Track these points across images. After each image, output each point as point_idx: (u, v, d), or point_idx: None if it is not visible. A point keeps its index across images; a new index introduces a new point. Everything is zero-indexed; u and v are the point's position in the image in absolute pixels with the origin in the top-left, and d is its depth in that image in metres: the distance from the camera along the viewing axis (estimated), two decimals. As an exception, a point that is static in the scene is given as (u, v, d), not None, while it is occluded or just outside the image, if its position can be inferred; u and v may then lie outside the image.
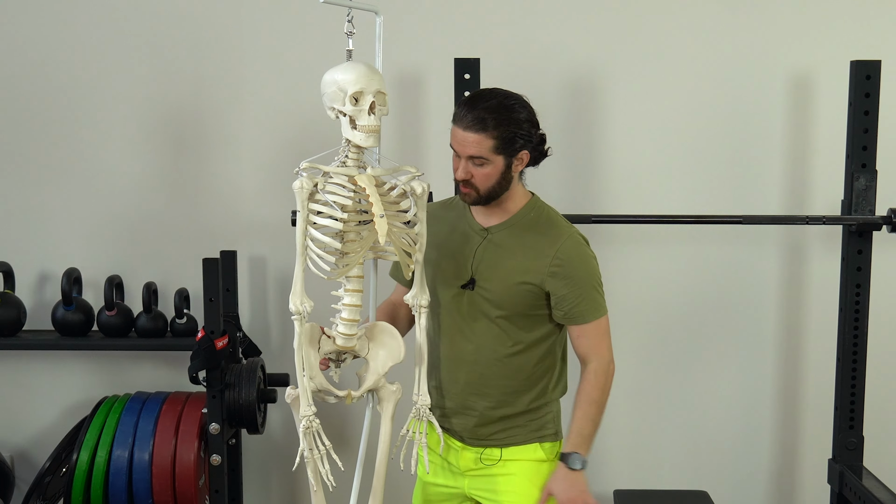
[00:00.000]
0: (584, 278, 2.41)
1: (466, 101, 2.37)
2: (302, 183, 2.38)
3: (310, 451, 2.46)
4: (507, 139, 2.32)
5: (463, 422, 2.54)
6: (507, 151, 2.34)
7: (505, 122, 2.31)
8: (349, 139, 2.41)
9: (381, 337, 2.55)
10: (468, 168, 2.36)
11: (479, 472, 2.54)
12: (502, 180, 2.38)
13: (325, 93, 2.42)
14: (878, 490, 3.14)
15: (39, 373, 3.73)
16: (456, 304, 2.49)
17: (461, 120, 2.34)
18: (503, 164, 2.35)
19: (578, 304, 2.41)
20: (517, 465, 2.51)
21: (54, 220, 3.65)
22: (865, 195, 3.23)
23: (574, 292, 2.40)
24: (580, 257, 2.42)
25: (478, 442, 2.53)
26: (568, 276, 2.39)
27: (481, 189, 2.39)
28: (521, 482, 2.50)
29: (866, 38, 3.51)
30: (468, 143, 2.33)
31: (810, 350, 3.69)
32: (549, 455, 2.52)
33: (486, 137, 2.31)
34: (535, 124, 2.38)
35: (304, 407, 2.44)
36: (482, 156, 2.33)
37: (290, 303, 2.41)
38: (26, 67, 3.59)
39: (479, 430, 2.52)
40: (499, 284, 2.43)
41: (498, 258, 2.44)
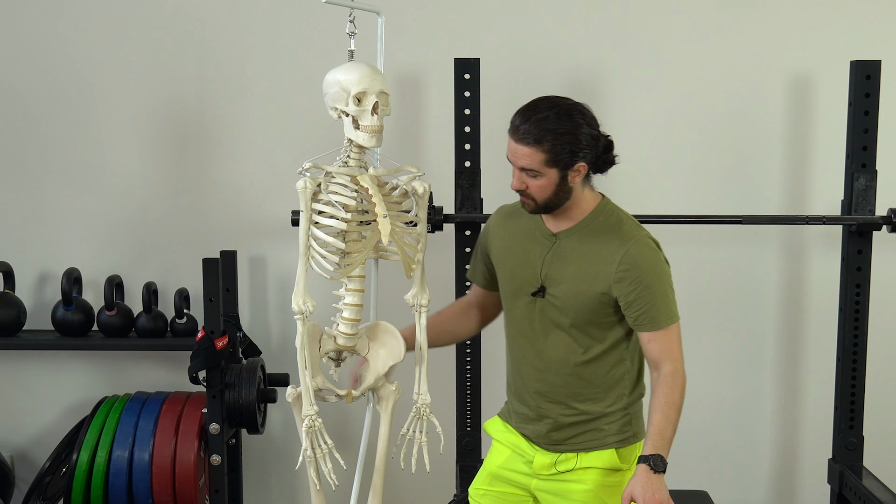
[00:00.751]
0: (652, 283, 2.31)
1: (520, 111, 2.29)
2: (305, 183, 2.38)
3: (312, 450, 2.46)
4: (559, 153, 2.24)
5: (537, 428, 2.47)
6: (561, 164, 2.26)
7: (557, 136, 2.23)
8: (352, 139, 2.41)
9: (381, 336, 2.56)
10: (523, 179, 2.30)
11: (552, 476, 2.46)
12: (559, 191, 2.30)
13: (327, 93, 2.42)
14: (878, 490, 3.14)
15: (39, 373, 3.73)
16: (528, 312, 2.43)
17: (514, 132, 2.27)
18: (557, 177, 2.27)
19: (648, 311, 2.31)
20: (591, 475, 2.42)
21: (54, 220, 3.65)
22: (865, 195, 3.23)
23: (643, 298, 2.31)
24: (648, 261, 2.32)
25: (553, 447, 2.45)
26: (635, 280, 2.30)
27: (538, 200, 2.32)
28: (594, 497, 2.42)
29: (866, 38, 3.51)
30: (520, 155, 2.27)
31: (810, 350, 3.69)
32: (625, 461, 2.43)
33: (537, 151, 2.24)
34: (594, 136, 2.29)
35: (307, 406, 2.45)
36: (534, 168, 2.26)
37: (293, 302, 2.41)
38: (27, 68, 3.59)
39: (553, 434, 2.44)
40: (566, 292, 2.36)
41: (565, 265, 2.36)
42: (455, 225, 3.26)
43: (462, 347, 3.30)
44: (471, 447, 3.36)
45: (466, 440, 3.35)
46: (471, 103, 3.20)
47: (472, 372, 3.33)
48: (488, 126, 3.28)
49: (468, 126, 3.21)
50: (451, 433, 3.37)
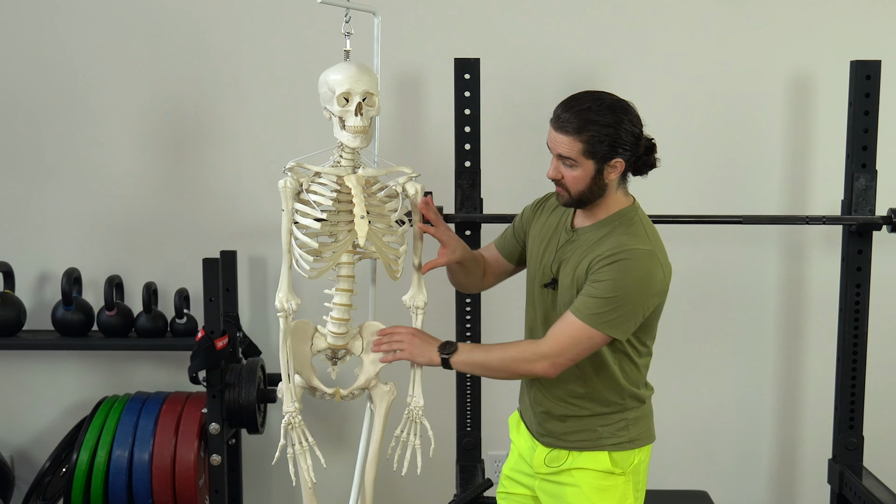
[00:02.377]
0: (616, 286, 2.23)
1: (563, 102, 2.29)
2: (286, 181, 2.40)
3: (291, 447, 2.47)
4: (596, 144, 2.23)
5: (533, 417, 2.48)
6: (598, 157, 2.25)
7: (594, 126, 2.23)
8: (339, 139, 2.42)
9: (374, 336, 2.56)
10: (559, 168, 2.29)
11: (549, 477, 2.46)
12: (593, 185, 2.28)
13: (319, 93, 2.43)
14: (878, 490, 3.14)
15: (39, 373, 3.74)
16: (543, 301, 2.43)
17: (556, 120, 2.28)
18: (593, 169, 2.26)
19: (587, 298, 2.25)
20: (584, 476, 2.40)
21: (54, 220, 3.65)
22: (865, 195, 3.23)
23: (597, 289, 2.24)
24: (633, 269, 2.25)
25: (548, 440, 2.45)
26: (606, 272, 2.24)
27: (572, 191, 2.30)
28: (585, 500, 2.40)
29: (866, 38, 3.51)
30: (558, 143, 2.27)
31: (810, 350, 3.69)
32: (618, 466, 2.40)
33: (575, 140, 2.24)
34: (635, 133, 2.28)
35: (287, 403, 2.46)
36: (571, 157, 2.26)
37: (276, 300, 2.43)
38: (26, 67, 3.59)
39: (547, 426, 2.44)
40: (568, 282, 2.35)
41: (571, 257, 2.36)
42: (455, 225, 3.26)
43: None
44: (471, 447, 3.36)
45: (466, 440, 3.35)
46: (471, 103, 3.20)
47: (471, 372, 3.33)
48: (488, 126, 3.28)
49: (468, 126, 3.21)
50: (451, 433, 3.37)
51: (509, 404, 2.70)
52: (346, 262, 2.46)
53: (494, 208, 3.29)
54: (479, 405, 3.35)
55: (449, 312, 3.31)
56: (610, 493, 2.41)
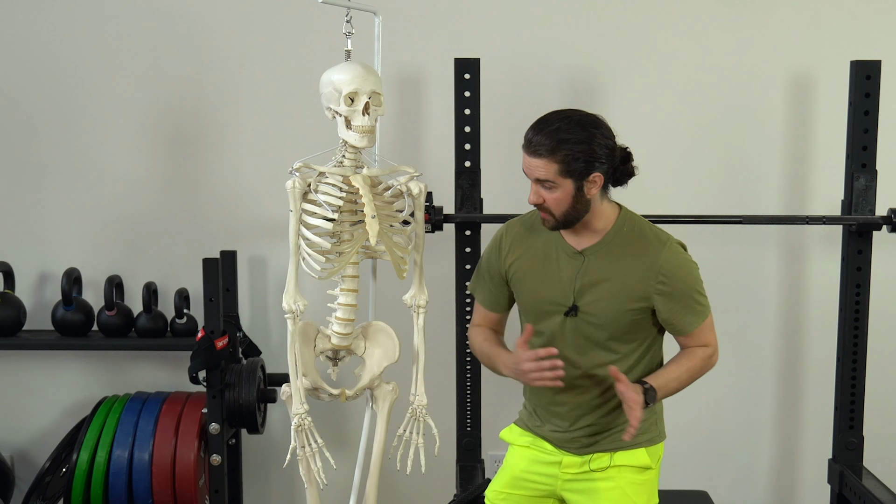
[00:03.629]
0: (689, 291, 2.37)
1: (532, 125, 2.29)
2: (294, 182, 2.40)
3: (301, 448, 2.47)
4: (572, 163, 2.24)
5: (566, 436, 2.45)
6: (576, 175, 2.26)
7: (570, 146, 2.23)
8: (344, 139, 2.42)
9: (377, 336, 2.56)
10: (539, 192, 2.29)
11: (580, 476, 2.45)
12: (576, 203, 2.29)
13: (322, 93, 2.44)
14: (878, 490, 3.14)
15: (39, 373, 3.73)
16: (560, 331, 2.40)
17: (527, 145, 2.28)
18: (573, 188, 2.27)
19: (685, 316, 2.37)
20: (623, 473, 2.43)
21: (54, 220, 3.65)
22: (865, 195, 3.23)
23: (680, 304, 2.36)
24: (682, 268, 2.38)
25: (585, 450, 2.45)
26: (673, 290, 2.35)
27: (556, 213, 2.31)
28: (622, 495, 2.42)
29: (866, 38, 3.51)
30: (534, 167, 2.27)
31: (810, 350, 3.69)
32: (653, 460, 2.47)
33: (550, 162, 2.24)
34: (608, 146, 2.29)
35: (297, 405, 2.46)
36: (549, 179, 2.26)
37: (284, 301, 2.42)
38: (26, 68, 3.59)
39: (584, 440, 2.44)
40: (603, 309, 2.35)
41: (599, 282, 2.35)
42: (455, 225, 3.26)
43: (462, 348, 3.30)
44: (471, 447, 3.36)
45: (466, 440, 3.35)
46: (471, 103, 3.20)
47: (472, 372, 3.33)
48: (488, 126, 3.28)
49: (468, 126, 3.21)
50: (452, 433, 3.37)
51: (509, 404, 2.69)
52: (351, 262, 2.46)
53: (494, 208, 3.29)
54: (479, 405, 3.35)
55: (449, 312, 3.31)
56: (644, 487, 2.45)
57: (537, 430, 2.51)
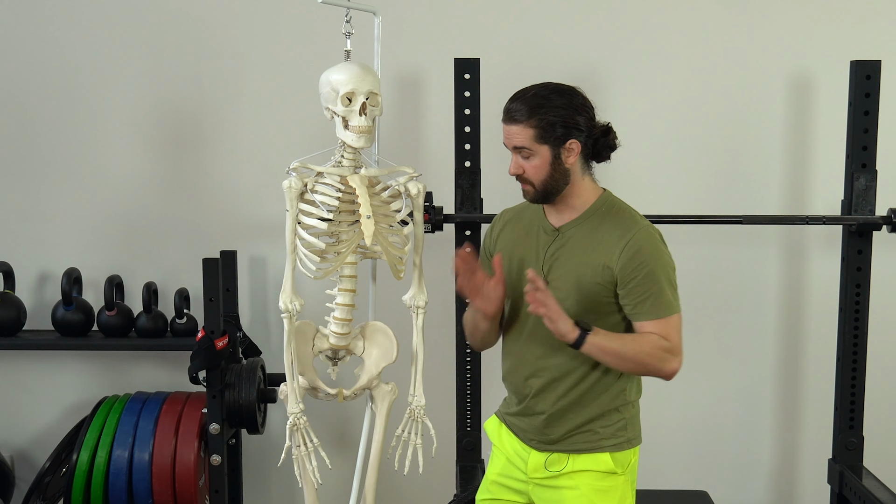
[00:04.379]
0: (655, 271, 2.30)
1: (511, 96, 2.33)
2: (290, 182, 2.40)
3: (296, 448, 2.47)
4: (548, 128, 2.26)
5: (531, 423, 2.44)
6: (551, 141, 2.27)
7: (541, 110, 2.26)
8: (342, 139, 2.42)
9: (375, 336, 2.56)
10: (518, 162, 2.31)
11: (545, 481, 2.44)
12: (554, 172, 2.30)
13: (321, 93, 2.44)
14: (878, 490, 3.14)
15: (39, 373, 3.74)
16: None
17: (505, 114, 2.31)
18: (550, 155, 2.29)
19: (648, 299, 2.30)
20: (584, 478, 2.39)
21: (54, 220, 3.65)
22: (865, 195, 3.23)
23: (643, 285, 2.29)
24: (652, 249, 2.32)
25: (546, 447, 2.43)
26: (638, 267, 2.29)
27: (535, 182, 2.32)
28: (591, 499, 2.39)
29: (866, 38, 3.51)
30: (511, 134, 2.30)
31: (810, 350, 3.69)
32: (619, 465, 2.40)
33: (524, 127, 2.27)
34: (584, 113, 2.30)
35: (292, 404, 2.46)
36: (525, 146, 2.28)
37: (280, 301, 2.42)
38: (26, 68, 3.59)
39: (547, 431, 2.41)
40: (568, 281, 2.34)
41: (568, 255, 2.36)
42: (455, 225, 3.26)
43: (462, 348, 3.30)
44: (471, 447, 3.36)
45: (466, 440, 3.35)
46: (471, 103, 3.20)
47: (471, 372, 3.33)
48: (488, 126, 3.28)
49: (468, 126, 3.21)
50: (452, 433, 3.37)
51: (509, 404, 2.69)
52: (349, 262, 2.46)
53: (494, 208, 3.28)
54: (479, 405, 3.35)
55: (448, 313, 3.31)
56: (611, 493, 2.40)
57: (507, 419, 2.52)
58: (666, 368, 2.32)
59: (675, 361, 2.32)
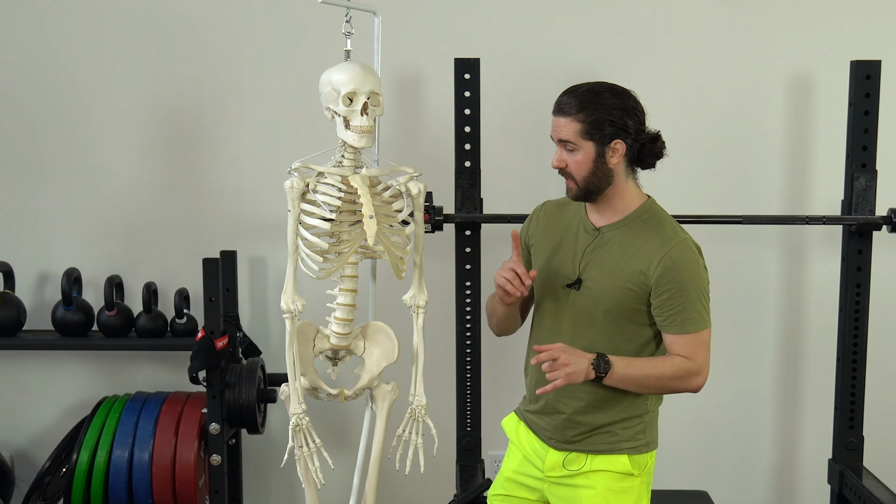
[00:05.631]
0: (687, 286, 2.30)
1: (564, 91, 2.34)
2: (292, 182, 2.40)
3: (299, 448, 2.47)
4: (594, 123, 2.26)
5: (552, 422, 2.45)
6: (597, 137, 2.28)
7: (591, 106, 2.26)
8: (343, 139, 2.42)
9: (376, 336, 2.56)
10: (561, 155, 2.32)
11: (562, 480, 2.44)
12: (597, 170, 2.30)
13: (321, 93, 2.44)
14: (878, 490, 3.14)
15: (39, 373, 3.73)
16: (560, 304, 2.41)
17: (555, 107, 2.32)
18: (594, 152, 2.29)
19: (679, 313, 2.31)
20: (601, 478, 2.40)
21: (54, 220, 3.65)
22: (865, 195, 3.23)
23: (676, 299, 2.30)
24: (687, 264, 2.32)
25: (564, 445, 2.43)
26: (672, 281, 2.29)
27: (577, 178, 2.32)
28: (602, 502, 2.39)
29: (866, 38, 3.51)
30: (558, 126, 2.31)
31: (810, 350, 3.69)
32: (636, 467, 2.42)
33: (572, 121, 2.28)
34: (634, 116, 2.31)
35: (294, 405, 2.46)
36: (570, 139, 2.29)
37: (282, 301, 2.42)
38: (26, 68, 3.59)
39: (567, 431, 2.42)
40: (603, 283, 2.35)
41: (606, 257, 2.36)
42: (455, 225, 3.26)
43: (462, 348, 3.30)
44: (471, 447, 3.36)
45: (466, 440, 3.35)
46: (471, 103, 3.20)
47: (472, 372, 3.33)
48: (488, 126, 3.28)
49: (468, 126, 3.21)
50: (452, 433, 3.37)
51: (509, 404, 2.69)
52: (350, 262, 2.46)
53: (494, 208, 3.29)
54: (479, 405, 3.35)
55: (449, 312, 3.31)
56: (627, 494, 2.41)
57: (527, 417, 2.52)
58: (691, 386, 2.36)
59: (699, 378, 2.35)
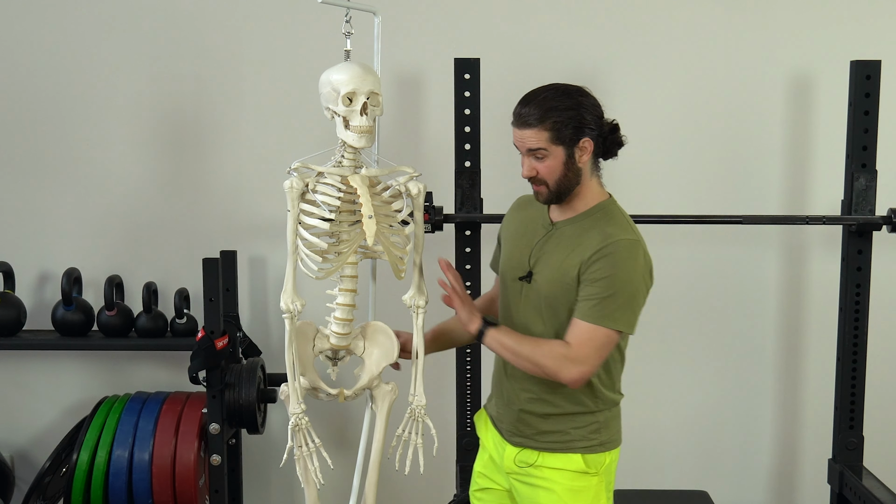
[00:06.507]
0: (615, 281, 2.27)
1: (521, 100, 2.34)
2: (292, 182, 2.40)
3: (298, 448, 2.47)
4: (561, 128, 2.28)
5: (508, 415, 2.48)
6: (566, 141, 2.29)
7: (556, 112, 2.28)
8: (343, 139, 2.42)
9: (375, 336, 2.56)
10: (532, 164, 2.33)
11: (521, 478, 2.46)
12: (568, 172, 2.32)
13: (321, 93, 2.44)
14: (878, 490, 3.14)
15: (39, 373, 3.74)
16: (515, 296, 2.45)
17: (517, 118, 2.33)
18: (564, 155, 2.30)
19: (590, 300, 2.27)
20: (558, 477, 2.40)
21: (54, 220, 3.65)
22: (865, 195, 3.23)
23: (595, 287, 2.27)
24: (624, 261, 2.29)
25: (519, 440, 2.45)
26: (601, 270, 2.27)
27: (550, 183, 2.33)
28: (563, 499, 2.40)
29: (866, 38, 3.51)
30: (525, 138, 2.31)
31: (810, 350, 3.69)
32: (591, 466, 2.40)
33: (541, 130, 2.29)
34: (596, 112, 2.33)
35: (294, 405, 2.45)
36: (541, 147, 2.30)
37: (281, 301, 2.42)
38: (26, 68, 3.59)
39: (520, 425, 2.44)
40: (546, 276, 2.37)
41: (553, 251, 2.38)
42: (455, 225, 3.26)
43: (462, 347, 3.30)
44: (471, 447, 3.35)
45: (466, 440, 3.35)
46: (471, 103, 3.20)
47: (471, 372, 3.33)
48: (488, 126, 3.28)
49: (468, 126, 3.21)
50: (451, 433, 3.37)
51: (509, 404, 2.69)
52: (350, 262, 2.46)
53: (494, 208, 3.29)
54: (479, 405, 3.35)
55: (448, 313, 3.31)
56: (583, 493, 2.41)
57: (490, 411, 2.58)
58: (563, 375, 2.30)
59: (573, 369, 2.29)
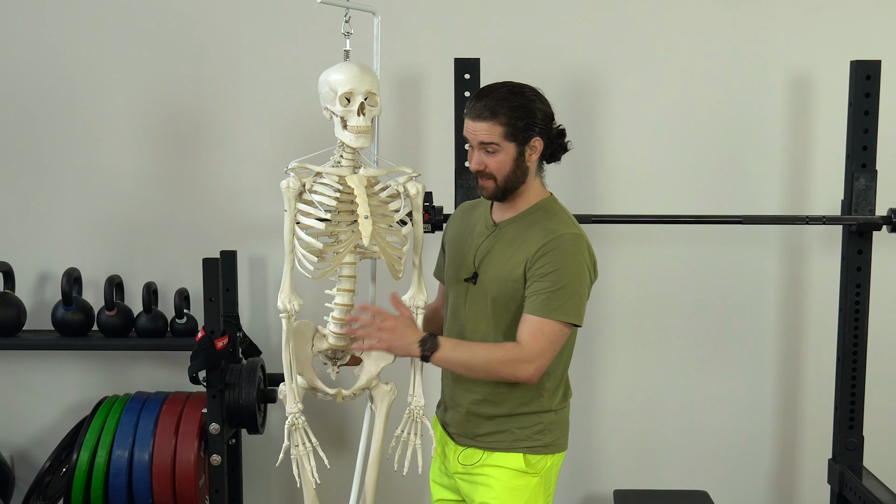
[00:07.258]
0: (562, 273, 2.30)
1: (477, 92, 2.38)
2: (289, 182, 2.41)
3: (295, 447, 2.47)
4: (516, 125, 2.31)
5: (455, 416, 2.51)
6: (518, 138, 2.32)
7: (513, 109, 2.31)
8: (341, 139, 2.42)
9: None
10: (481, 158, 2.35)
11: (465, 476, 2.49)
12: (517, 169, 2.35)
13: (319, 93, 2.44)
14: (878, 490, 3.14)
15: (39, 373, 3.74)
16: (461, 298, 2.47)
17: (471, 110, 2.35)
18: (515, 152, 2.34)
19: (539, 295, 2.30)
20: (497, 474, 2.43)
21: (54, 220, 3.65)
22: (865, 195, 3.23)
23: (543, 282, 2.30)
24: (569, 253, 2.32)
25: (464, 440, 2.49)
26: (548, 265, 2.30)
27: (498, 178, 2.36)
28: (495, 498, 2.42)
29: (866, 38, 3.51)
30: (479, 130, 2.33)
31: (810, 350, 3.69)
32: (532, 467, 2.43)
33: (495, 124, 2.31)
34: (548, 114, 2.37)
35: (291, 404, 2.46)
36: (493, 142, 2.32)
37: (279, 301, 2.43)
38: (26, 68, 3.59)
39: (467, 426, 2.47)
40: (491, 275, 2.40)
41: (497, 251, 2.41)
42: (455, 225, 3.25)
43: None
44: (470, 447, 3.35)
45: (466, 440, 3.35)
46: (470, 103, 3.20)
47: (471, 372, 3.32)
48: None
49: (468, 126, 3.21)
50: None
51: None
52: (347, 262, 2.46)
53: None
54: (479, 405, 3.35)
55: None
56: (520, 493, 2.43)
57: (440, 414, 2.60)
58: (520, 374, 2.34)
59: (528, 367, 2.32)
